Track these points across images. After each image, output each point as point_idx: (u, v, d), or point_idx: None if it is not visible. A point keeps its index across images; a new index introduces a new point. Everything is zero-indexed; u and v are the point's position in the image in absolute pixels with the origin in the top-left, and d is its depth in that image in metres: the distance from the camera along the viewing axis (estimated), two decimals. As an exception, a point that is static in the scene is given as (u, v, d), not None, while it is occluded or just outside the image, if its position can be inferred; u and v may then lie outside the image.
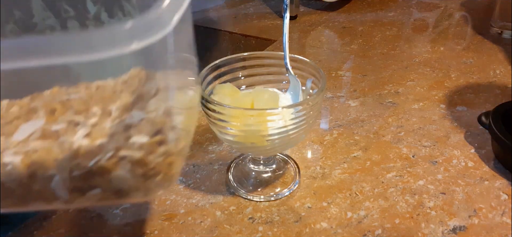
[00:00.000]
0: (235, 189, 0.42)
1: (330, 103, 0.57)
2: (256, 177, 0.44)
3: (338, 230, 0.38)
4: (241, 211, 0.40)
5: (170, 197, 0.42)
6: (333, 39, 0.80)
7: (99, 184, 0.24)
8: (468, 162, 0.45)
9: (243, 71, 0.43)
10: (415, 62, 0.68)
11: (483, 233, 0.37)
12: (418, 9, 0.93)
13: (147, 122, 0.24)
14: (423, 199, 0.41)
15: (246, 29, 0.85)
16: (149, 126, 0.24)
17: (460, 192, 0.41)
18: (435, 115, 0.54)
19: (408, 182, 0.43)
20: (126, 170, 0.23)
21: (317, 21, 0.87)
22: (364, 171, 0.45)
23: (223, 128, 0.37)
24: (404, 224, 0.38)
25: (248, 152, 0.44)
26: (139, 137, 0.23)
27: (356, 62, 0.69)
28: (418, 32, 0.81)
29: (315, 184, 0.43)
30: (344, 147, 0.48)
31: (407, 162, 0.46)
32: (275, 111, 0.36)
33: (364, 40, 0.77)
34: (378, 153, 0.47)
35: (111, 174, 0.23)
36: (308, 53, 0.73)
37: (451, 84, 0.61)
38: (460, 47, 0.73)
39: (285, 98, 0.42)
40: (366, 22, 0.86)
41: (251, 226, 0.38)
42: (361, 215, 0.39)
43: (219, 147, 0.49)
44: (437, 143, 0.49)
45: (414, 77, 0.63)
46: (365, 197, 0.41)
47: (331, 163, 0.46)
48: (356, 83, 0.62)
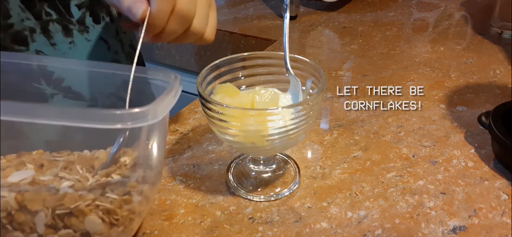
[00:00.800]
0: (235, 189, 0.42)
1: (330, 103, 0.57)
2: (256, 177, 0.44)
3: (338, 230, 0.38)
4: (241, 211, 0.40)
5: (170, 197, 0.42)
6: (333, 39, 0.80)
7: (73, 225, 0.30)
8: (468, 162, 0.45)
9: (243, 71, 0.43)
10: (415, 62, 0.68)
11: (483, 233, 0.37)
12: (418, 9, 0.93)
13: (122, 184, 0.31)
14: (423, 199, 0.41)
15: (246, 29, 0.85)
16: (122, 188, 0.31)
17: (460, 192, 0.41)
18: (435, 115, 0.54)
19: (408, 182, 0.43)
20: (98, 216, 0.30)
21: (317, 21, 0.87)
22: (364, 171, 0.45)
23: (223, 128, 0.37)
24: (404, 224, 0.38)
25: (248, 152, 0.44)
26: (112, 194, 0.30)
27: (356, 62, 0.69)
28: (418, 32, 0.81)
29: (315, 184, 0.43)
30: (344, 147, 0.48)
31: (407, 162, 0.46)
32: (275, 111, 0.36)
33: (364, 40, 0.77)
34: (378, 153, 0.47)
35: (86, 217, 0.30)
36: (308, 53, 0.73)
37: (451, 84, 0.61)
38: (460, 47, 0.73)
39: (285, 98, 0.42)
40: (366, 22, 0.86)
41: (251, 226, 0.38)
42: (361, 215, 0.39)
43: (219, 147, 0.49)
44: (437, 143, 0.49)
45: (414, 77, 0.63)
46: (365, 197, 0.41)
47: (331, 163, 0.46)
48: (356, 83, 0.62)
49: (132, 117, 0.26)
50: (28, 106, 0.26)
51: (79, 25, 0.44)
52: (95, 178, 0.31)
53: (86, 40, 0.45)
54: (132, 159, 0.32)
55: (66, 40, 0.43)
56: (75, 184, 0.30)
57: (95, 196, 0.30)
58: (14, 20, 0.40)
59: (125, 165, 0.32)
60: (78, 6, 0.43)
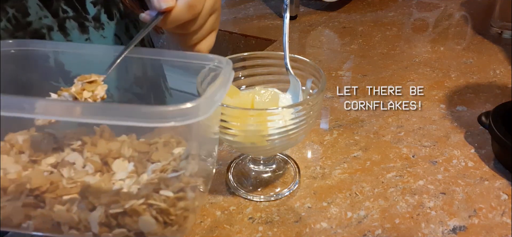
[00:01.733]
0: (235, 189, 0.42)
1: (330, 103, 0.57)
2: (256, 177, 0.44)
3: (338, 230, 0.38)
4: (241, 211, 0.40)
5: (170, 197, 0.42)
6: (333, 39, 0.80)
7: (127, 224, 0.29)
8: (468, 162, 0.45)
9: (243, 71, 0.43)
10: (415, 62, 0.68)
11: (483, 233, 0.37)
12: (418, 9, 0.93)
13: (177, 180, 0.29)
14: (423, 199, 0.41)
15: (246, 29, 0.85)
16: (176, 184, 0.29)
17: (460, 192, 0.41)
18: (435, 115, 0.54)
19: (408, 182, 0.43)
20: (152, 216, 0.28)
21: (317, 21, 0.87)
22: (364, 171, 0.45)
23: (223, 128, 0.37)
24: (404, 224, 0.38)
25: (248, 152, 0.44)
26: (166, 191, 0.29)
27: (356, 62, 0.69)
28: (418, 32, 0.81)
29: (315, 184, 0.43)
30: (344, 147, 0.48)
31: (407, 162, 0.46)
32: (275, 111, 0.36)
33: (364, 40, 0.77)
34: (378, 153, 0.47)
35: (139, 217, 0.28)
36: (308, 53, 0.73)
37: (451, 84, 0.61)
38: (460, 47, 0.73)
39: (285, 98, 0.42)
40: (366, 22, 0.86)
41: (251, 226, 0.38)
42: (361, 215, 0.39)
43: (219, 147, 0.49)
44: (437, 143, 0.49)
45: (414, 77, 0.63)
46: (365, 197, 0.41)
47: (331, 163, 0.46)
48: (356, 83, 0.62)
49: (183, 113, 0.25)
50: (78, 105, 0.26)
51: (94, 22, 0.44)
52: (150, 175, 0.30)
53: (102, 37, 0.45)
54: (185, 150, 0.31)
55: (82, 37, 0.44)
56: (130, 179, 0.29)
57: (149, 193, 0.29)
58: (33, 18, 0.40)
59: (179, 156, 0.30)
60: (93, 3, 0.44)
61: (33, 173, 0.29)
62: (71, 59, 0.40)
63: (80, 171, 0.30)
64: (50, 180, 0.29)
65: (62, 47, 0.39)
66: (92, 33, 0.44)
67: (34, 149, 0.31)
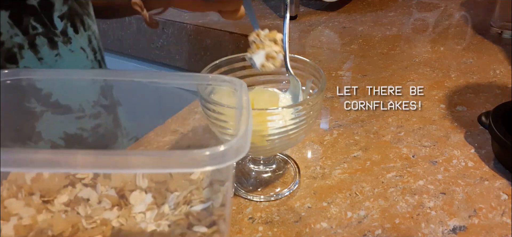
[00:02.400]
0: (235, 189, 0.42)
1: (330, 103, 0.57)
2: (256, 177, 0.44)
3: (338, 230, 0.38)
4: (241, 211, 0.40)
5: (170, 197, 0.42)
6: (333, 39, 0.80)
7: None
8: (468, 162, 0.45)
9: (243, 71, 0.43)
10: (415, 62, 0.68)
11: (483, 233, 0.37)
12: (418, 9, 0.93)
13: (207, 212, 0.28)
14: (423, 199, 0.41)
15: (246, 29, 0.85)
16: (208, 218, 0.28)
17: (460, 192, 0.41)
18: (435, 115, 0.54)
19: (408, 182, 0.43)
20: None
21: (317, 21, 0.87)
22: (364, 171, 0.45)
23: (223, 128, 0.37)
24: (404, 224, 0.38)
25: (248, 152, 0.44)
26: (200, 227, 0.27)
27: (356, 62, 0.69)
28: (418, 32, 0.81)
29: (315, 184, 0.43)
30: (344, 147, 0.48)
31: (407, 162, 0.46)
32: (275, 111, 0.36)
33: (364, 40, 0.77)
34: (378, 153, 0.47)
35: None
36: (308, 53, 0.73)
37: (451, 84, 0.61)
38: (460, 47, 0.73)
39: (285, 98, 0.42)
40: (366, 22, 0.86)
41: (251, 226, 0.38)
42: (361, 215, 0.39)
43: (219, 147, 0.49)
44: (437, 143, 0.49)
45: (414, 77, 0.63)
46: (365, 197, 0.41)
47: (331, 163, 0.46)
48: (356, 83, 0.62)
49: (220, 155, 0.23)
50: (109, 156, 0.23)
51: (63, 37, 0.44)
52: (172, 207, 0.28)
53: (70, 51, 0.46)
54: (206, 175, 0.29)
55: (52, 52, 0.44)
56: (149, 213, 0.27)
57: (183, 230, 0.26)
58: (4, 37, 0.40)
59: (200, 183, 0.28)
60: (60, 17, 0.44)
61: (53, 219, 0.27)
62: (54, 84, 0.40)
63: (97, 207, 0.28)
64: (70, 223, 0.27)
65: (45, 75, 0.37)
66: (61, 47, 0.45)
67: (44, 188, 0.28)
